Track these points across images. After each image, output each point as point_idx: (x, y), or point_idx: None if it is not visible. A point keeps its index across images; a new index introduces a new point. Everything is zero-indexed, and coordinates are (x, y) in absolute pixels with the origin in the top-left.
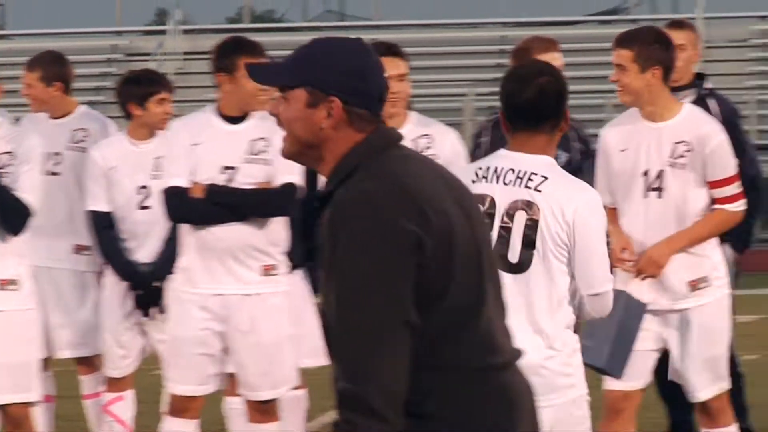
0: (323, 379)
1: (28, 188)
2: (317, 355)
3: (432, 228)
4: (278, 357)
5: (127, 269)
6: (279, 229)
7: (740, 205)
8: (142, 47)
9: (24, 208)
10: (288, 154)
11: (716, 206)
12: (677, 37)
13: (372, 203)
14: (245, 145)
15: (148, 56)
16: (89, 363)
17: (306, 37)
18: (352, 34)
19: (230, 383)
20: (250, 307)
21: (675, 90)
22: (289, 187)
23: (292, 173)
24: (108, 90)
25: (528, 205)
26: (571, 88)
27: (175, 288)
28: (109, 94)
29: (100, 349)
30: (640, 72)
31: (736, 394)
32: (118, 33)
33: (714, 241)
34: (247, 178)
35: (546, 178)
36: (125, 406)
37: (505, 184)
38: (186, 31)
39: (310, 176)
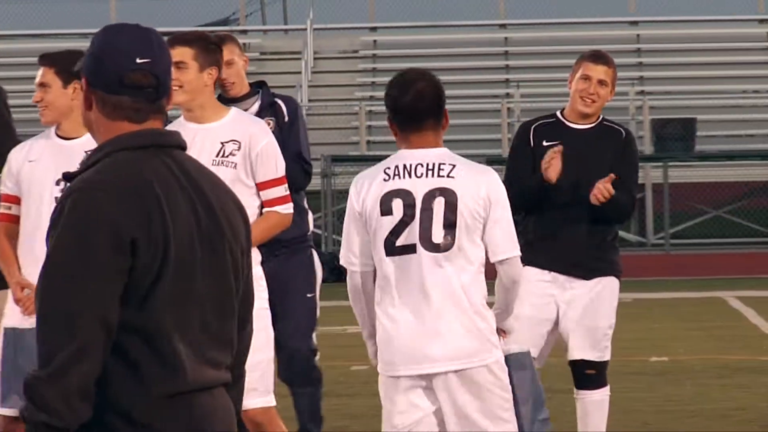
0: None
1: None
2: None
3: (151, 235)
4: None
5: None
6: None
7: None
8: None
9: None
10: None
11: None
12: (227, 51)
13: (97, 196)
14: None
15: None
16: None
17: None
18: None
19: None
20: None
21: (237, 101)
22: None
23: None
24: None
25: (444, 191)
26: None
27: None
28: None
29: None
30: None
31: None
32: None
33: None
34: None
35: (454, 165)
36: None
37: (417, 177)
38: None
39: None
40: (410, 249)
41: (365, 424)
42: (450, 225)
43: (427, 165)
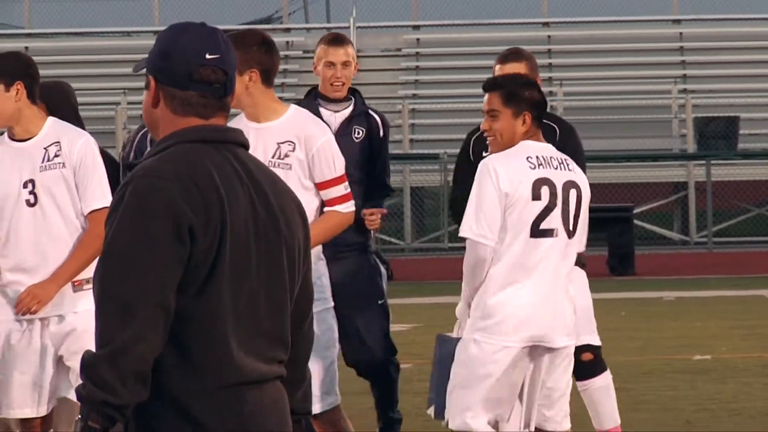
0: None
1: None
2: None
3: (209, 224)
4: None
5: None
6: None
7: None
8: None
9: None
10: None
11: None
12: (343, 53)
13: (158, 183)
14: None
15: None
16: None
17: None
18: (5, 43)
19: None
20: None
21: (334, 101)
22: None
23: None
24: None
25: (574, 185)
26: None
27: None
28: None
29: None
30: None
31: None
32: None
33: None
34: None
35: (570, 161)
36: None
37: (554, 168)
38: None
39: None
40: (550, 233)
41: (410, 423)
42: (576, 215)
43: (558, 158)
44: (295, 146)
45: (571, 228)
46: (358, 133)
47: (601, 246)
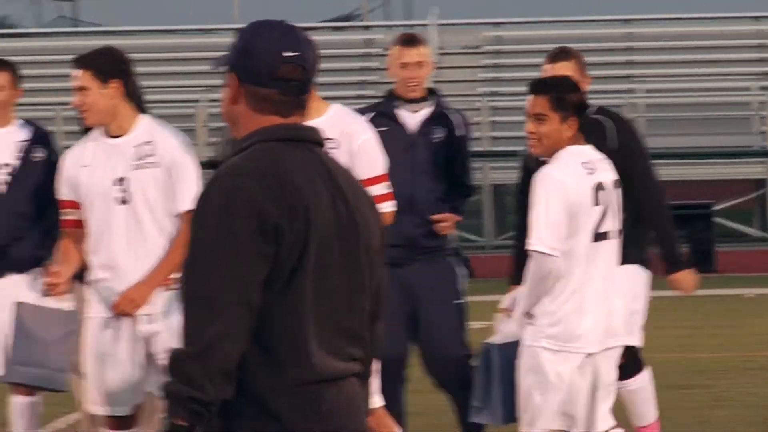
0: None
1: None
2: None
3: (294, 223)
4: None
5: None
6: None
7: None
8: None
9: None
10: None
11: None
12: (416, 54)
13: (242, 182)
14: None
15: None
16: None
17: (39, 44)
18: (85, 40)
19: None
20: None
21: (411, 102)
22: None
23: None
24: None
25: (617, 184)
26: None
27: None
28: None
29: None
30: None
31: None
32: None
33: None
34: None
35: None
36: None
37: (602, 171)
38: None
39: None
40: (606, 236)
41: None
42: (618, 215)
43: (600, 158)
44: (338, 144)
45: (618, 228)
46: (438, 134)
47: (681, 243)
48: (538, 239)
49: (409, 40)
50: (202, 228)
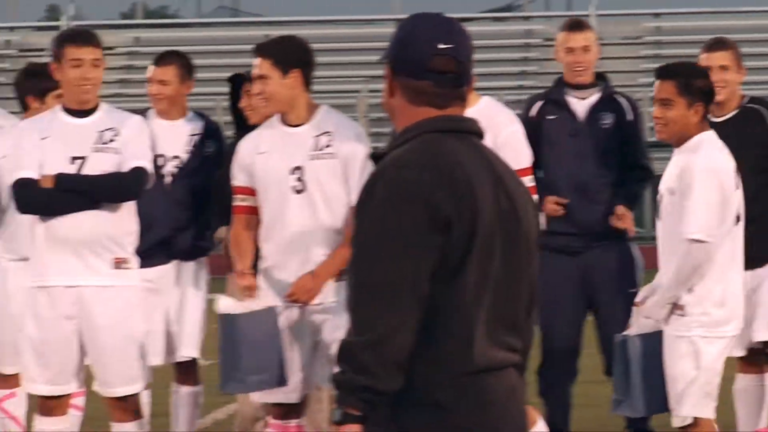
0: (216, 376)
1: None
2: (159, 354)
3: (462, 213)
4: (132, 353)
5: None
6: (129, 221)
7: None
8: (35, 43)
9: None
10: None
11: None
12: (582, 38)
13: (409, 174)
14: (93, 136)
15: (42, 52)
16: None
17: (199, 34)
18: (246, 31)
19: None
20: (104, 300)
21: (580, 88)
22: (138, 170)
23: (142, 159)
24: (2, 85)
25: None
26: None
27: (26, 283)
28: (3, 89)
29: None
30: None
31: None
32: (11, 29)
33: None
34: (96, 168)
35: None
36: (17, 402)
37: (728, 155)
38: (78, 27)
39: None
40: (738, 219)
41: None
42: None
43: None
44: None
45: (743, 211)
46: (606, 119)
47: None
48: (697, 227)
49: (575, 25)
50: (370, 220)
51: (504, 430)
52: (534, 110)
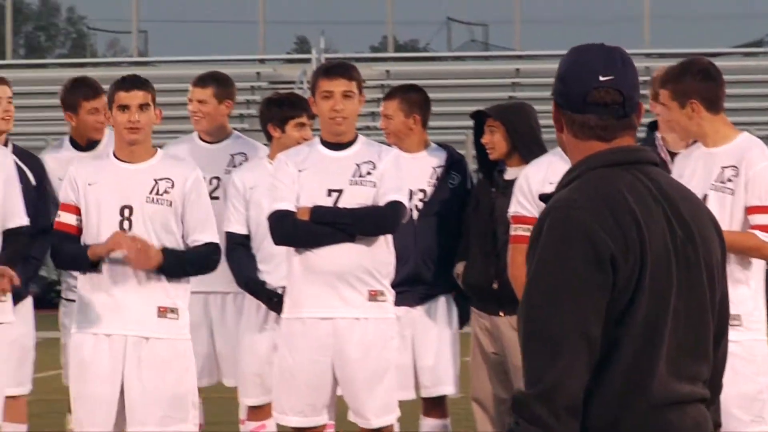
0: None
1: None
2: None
3: (629, 250)
4: (385, 385)
5: (259, 289)
6: (386, 254)
7: None
8: (286, 75)
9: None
10: None
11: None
12: None
13: (574, 214)
14: (351, 169)
15: (292, 84)
16: None
17: (450, 67)
18: (495, 65)
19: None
20: (360, 332)
21: None
22: (395, 204)
23: (398, 193)
24: (252, 117)
25: None
26: None
27: (283, 315)
28: (253, 121)
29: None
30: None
31: None
32: (261, 61)
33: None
34: (352, 200)
35: None
36: None
37: None
38: (329, 60)
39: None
40: None
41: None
42: None
43: None
44: (738, 171)
45: None
46: None
47: None
48: None
49: None
50: (539, 264)
51: None
52: None
